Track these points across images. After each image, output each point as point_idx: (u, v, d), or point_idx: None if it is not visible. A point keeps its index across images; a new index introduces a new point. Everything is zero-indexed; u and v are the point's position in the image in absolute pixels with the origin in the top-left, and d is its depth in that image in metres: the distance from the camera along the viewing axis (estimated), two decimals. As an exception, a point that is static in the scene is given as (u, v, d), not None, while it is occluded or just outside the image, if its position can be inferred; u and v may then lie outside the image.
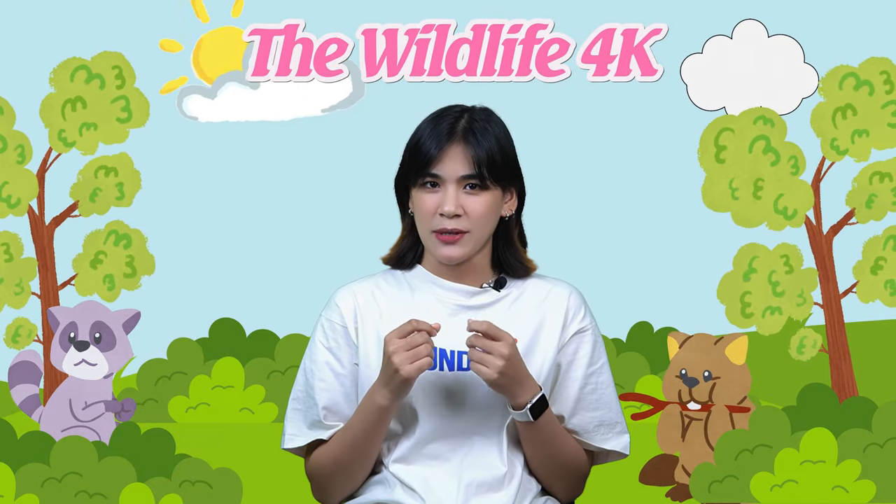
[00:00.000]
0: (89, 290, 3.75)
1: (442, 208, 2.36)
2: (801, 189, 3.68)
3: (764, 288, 3.68)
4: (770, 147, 3.65)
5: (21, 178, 3.73)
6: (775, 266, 3.69)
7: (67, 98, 3.71)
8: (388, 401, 2.32)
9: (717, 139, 3.65)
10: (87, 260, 3.76)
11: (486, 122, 2.40)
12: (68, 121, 3.71)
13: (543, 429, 2.37)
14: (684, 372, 3.68)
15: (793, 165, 3.66)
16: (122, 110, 3.71)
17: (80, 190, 3.74)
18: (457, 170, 2.36)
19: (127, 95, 3.71)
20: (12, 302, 3.74)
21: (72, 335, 3.70)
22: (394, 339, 2.28)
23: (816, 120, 3.66)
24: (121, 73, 3.70)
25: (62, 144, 3.72)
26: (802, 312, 3.70)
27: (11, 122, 3.72)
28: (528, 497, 2.41)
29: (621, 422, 2.47)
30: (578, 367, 2.43)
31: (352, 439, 2.38)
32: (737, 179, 3.66)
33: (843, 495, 3.61)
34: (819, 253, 3.70)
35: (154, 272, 3.76)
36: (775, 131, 3.65)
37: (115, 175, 3.73)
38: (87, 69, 3.70)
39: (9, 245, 3.74)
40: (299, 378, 2.46)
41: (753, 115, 3.64)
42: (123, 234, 3.75)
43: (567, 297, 2.45)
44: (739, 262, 3.69)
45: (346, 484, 2.42)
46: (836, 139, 3.65)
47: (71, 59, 3.70)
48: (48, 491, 3.63)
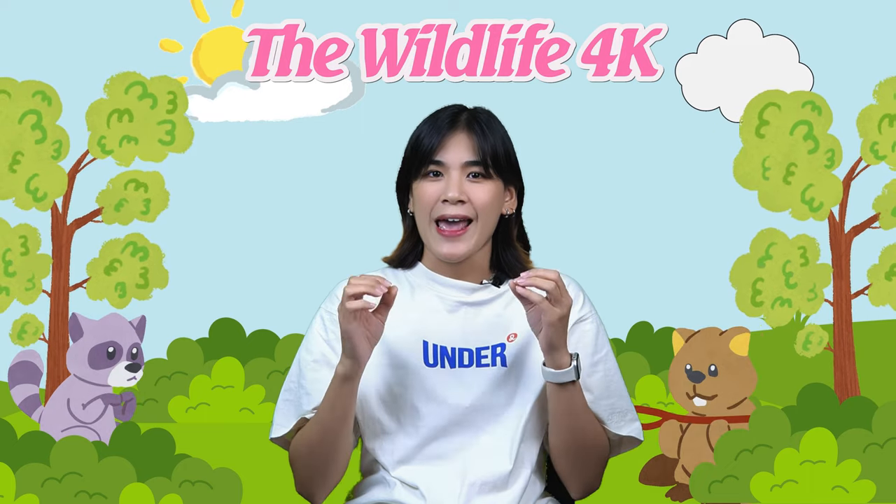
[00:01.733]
0: (100, 295, 3.75)
1: (445, 194, 2.35)
2: (831, 183, 3.68)
3: (777, 277, 3.68)
4: (811, 134, 3.65)
5: (52, 174, 3.73)
6: (791, 256, 3.68)
7: (116, 108, 3.71)
8: (345, 367, 2.28)
9: (761, 112, 3.64)
10: (101, 265, 3.76)
11: (489, 118, 2.42)
12: (112, 129, 3.72)
13: (577, 394, 2.34)
14: (689, 367, 3.68)
15: (829, 158, 3.67)
16: (166, 133, 3.72)
17: (107, 198, 3.74)
18: (461, 156, 2.37)
19: (174, 121, 3.72)
20: (22, 297, 3.74)
21: (111, 350, 3.71)
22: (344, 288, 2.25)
23: (863, 120, 3.66)
24: (174, 99, 3.71)
25: (100, 150, 3.73)
26: (812, 307, 3.69)
27: (56, 116, 3.72)
28: (531, 498, 2.41)
29: (631, 409, 2.47)
30: (584, 356, 2.42)
31: (320, 417, 2.34)
32: (771, 159, 3.66)
33: (843, 495, 3.61)
34: (837, 250, 3.71)
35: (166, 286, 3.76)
36: (821, 120, 3.65)
37: (145, 191, 3.74)
38: (143, 86, 3.71)
39: (27, 238, 3.74)
40: (293, 368, 2.45)
41: (803, 98, 3.64)
42: (142, 246, 3.76)
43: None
44: (757, 246, 3.68)
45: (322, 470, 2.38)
46: (877, 143, 3.66)
47: (130, 73, 3.71)
48: (48, 491, 3.63)
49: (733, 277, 3.68)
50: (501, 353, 2.38)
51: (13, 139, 3.70)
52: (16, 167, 3.71)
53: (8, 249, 3.74)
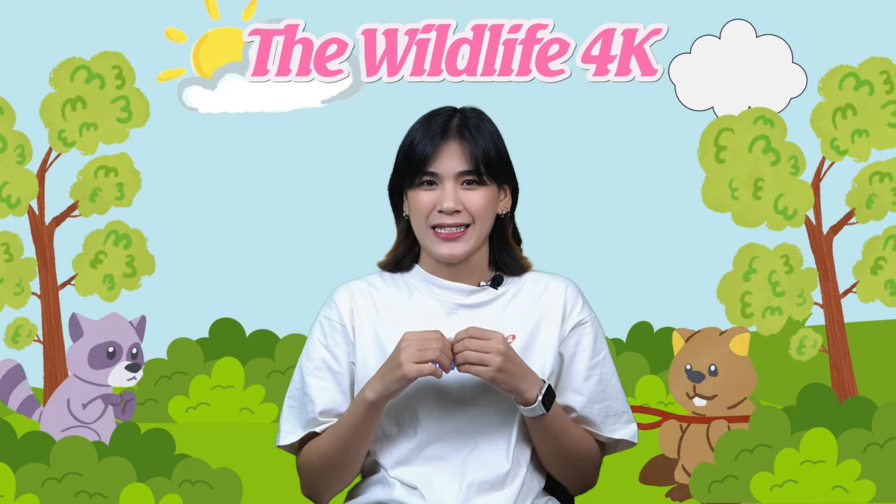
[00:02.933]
0: (89, 290, 3.75)
1: (441, 205, 2.36)
2: (801, 189, 3.68)
3: (764, 288, 3.68)
4: (770, 147, 3.66)
5: (21, 179, 3.73)
6: (775, 266, 3.69)
7: (67, 98, 3.71)
8: (377, 395, 2.31)
9: (717, 139, 3.65)
10: (87, 260, 3.76)
11: (478, 120, 2.41)
12: (68, 121, 3.71)
13: (554, 421, 2.37)
14: (689, 367, 3.68)
15: (793, 165, 3.67)
16: (122, 110, 3.71)
17: (80, 190, 3.74)
18: (454, 166, 2.37)
19: (127, 95, 3.71)
20: (12, 302, 3.75)
21: (111, 350, 3.71)
22: (410, 336, 2.28)
23: (816, 120, 3.66)
24: (121, 72, 3.70)
25: (62, 144, 3.72)
26: (802, 312, 3.70)
27: (11, 122, 3.72)
28: (530, 496, 2.41)
29: (627, 411, 2.48)
30: (581, 360, 2.43)
31: (340, 434, 2.37)
32: (737, 179, 3.67)
33: (843, 495, 3.61)
34: (819, 253, 3.71)
35: (154, 272, 3.76)
36: (775, 131, 3.65)
37: (115, 175, 3.73)
38: (87, 69, 3.70)
39: (9, 245, 3.74)
40: (296, 376, 2.46)
41: (753, 115, 3.64)
42: (123, 234, 3.75)
43: (564, 291, 2.45)
44: (739, 262, 3.69)
45: (335, 480, 2.41)
46: (836, 139, 3.66)
47: (71, 59, 3.71)
48: (48, 491, 3.63)
49: (721, 294, 3.69)
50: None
51: (-25, 154, 3.72)
52: (-17, 179, 3.72)
53: (-9, 259, 3.75)
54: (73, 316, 3.71)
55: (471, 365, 2.29)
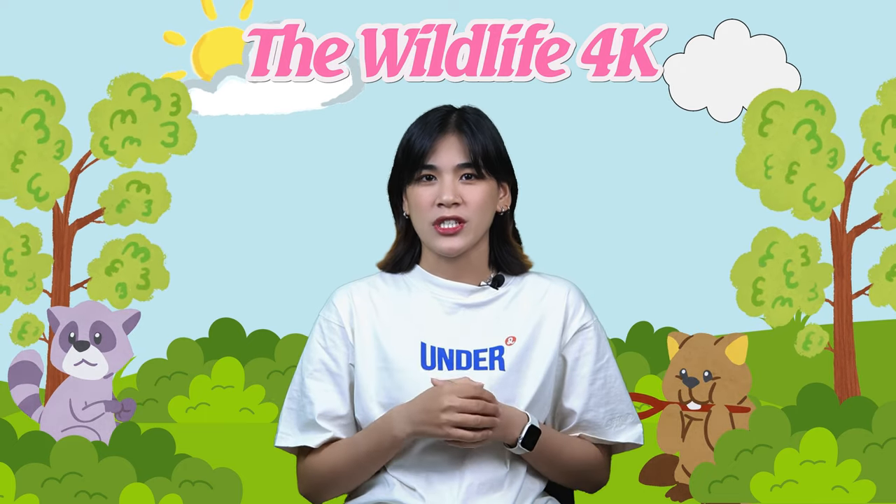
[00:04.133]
0: (101, 295, 3.75)
1: (440, 198, 2.36)
2: (833, 183, 3.67)
3: (778, 276, 3.68)
4: (814, 134, 3.65)
5: (54, 174, 3.73)
6: (792, 255, 3.68)
7: (120, 109, 3.71)
8: (407, 436, 2.32)
9: (765, 111, 3.63)
10: (102, 266, 3.76)
11: (477, 117, 2.42)
12: (115, 130, 3.72)
13: (543, 452, 2.38)
14: (684, 372, 3.68)
15: (831, 158, 3.66)
16: (169, 135, 3.72)
17: (109, 198, 3.74)
18: (452, 159, 2.37)
19: (178, 123, 3.72)
20: (23, 297, 3.75)
21: (72, 335, 3.71)
22: (454, 397, 2.27)
23: (866, 121, 3.66)
24: (178, 101, 3.71)
25: (103, 151, 3.73)
26: (813, 307, 3.69)
27: (60, 116, 3.72)
28: (529, 497, 2.41)
29: (633, 412, 2.48)
30: (586, 364, 2.43)
31: (356, 456, 2.38)
32: (773, 157, 3.65)
33: (843, 495, 3.61)
34: (838, 250, 3.70)
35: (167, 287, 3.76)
36: (824, 119, 3.64)
37: (147, 192, 3.73)
38: (146, 87, 3.71)
39: (28, 238, 3.74)
40: (295, 377, 2.46)
41: (807, 96, 3.63)
42: (143, 247, 3.76)
43: (566, 295, 2.45)
44: (758, 245, 3.68)
45: (341, 490, 2.43)
46: (879, 144, 3.66)
47: (133, 75, 3.71)
48: (48, 491, 3.63)
49: (734, 276, 3.68)
50: (500, 357, 2.38)
51: (16, 139, 3.71)
52: (18, 167, 3.71)
53: (9, 249, 3.74)
54: (49, 311, 3.71)
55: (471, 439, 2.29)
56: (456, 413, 2.27)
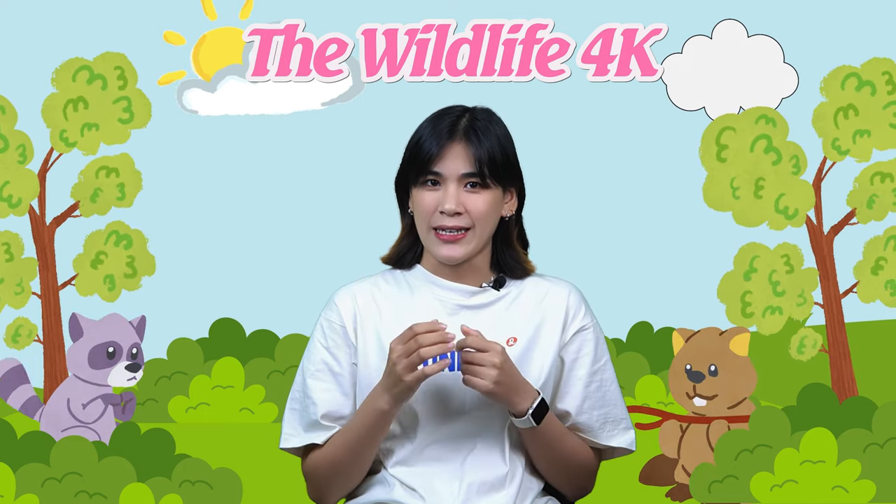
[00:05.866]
0: (90, 290, 3.75)
1: (442, 206, 2.36)
2: (802, 189, 3.68)
3: (764, 287, 3.68)
4: (772, 146, 3.66)
5: (22, 178, 3.73)
6: (776, 266, 3.69)
7: (69, 98, 3.71)
8: (389, 405, 2.32)
9: (718, 138, 3.65)
10: (87, 260, 3.76)
11: (487, 122, 2.40)
12: (70, 121, 3.71)
13: (546, 432, 2.37)
14: (689, 367, 3.68)
15: (794, 165, 3.67)
16: (123, 111, 3.71)
17: (81, 190, 3.74)
18: (458, 168, 2.36)
19: (129, 96, 3.71)
20: (13, 302, 3.75)
21: (111, 350, 3.71)
22: (396, 346, 2.27)
23: (818, 119, 3.66)
24: (123, 73, 3.70)
25: (63, 144, 3.72)
26: (803, 312, 3.70)
27: (13, 122, 3.72)
28: (529, 497, 2.41)
29: (626, 418, 2.48)
30: (582, 366, 2.44)
31: (350, 442, 2.38)
32: (738, 179, 3.67)
33: (843, 495, 3.61)
34: (820, 253, 3.71)
35: (154, 272, 3.76)
36: (777, 131, 3.65)
37: (117, 175, 3.73)
38: (89, 69, 3.70)
39: (9, 245, 3.74)
40: (297, 378, 2.46)
41: (755, 114, 3.64)
42: (124, 234, 3.75)
43: (567, 296, 2.45)
44: (740, 261, 3.69)
45: (343, 485, 2.42)
46: (837, 139, 3.66)
47: (73, 60, 3.71)
48: (48, 491, 3.63)
49: (721, 294, 3.69)
50: (503, 356, 2.38)
51: (-24, 153, 3.72)
52: (-16, 179, 3.72)
53: (-8, 259, 3.75)
54: (73, 316, 3.71)
55: (466, 376, 2.29)
56: (404, 359, 2.25)
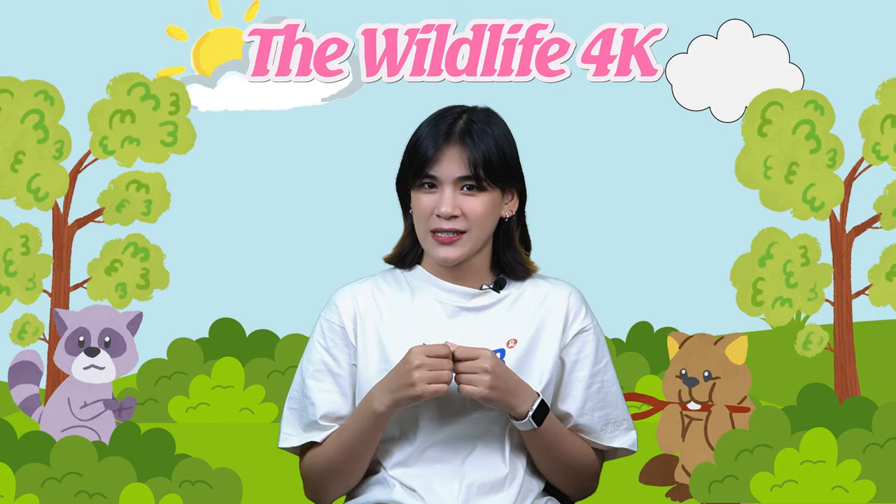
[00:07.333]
0: (101, 295, 3.75)
1: (438, 209, 2.35)
2: (833, 183, 3.67)
3: (778, 276, 3.68)
4: (813, 134, 3.65)
5: (53, 174, 3.73)
6: (792, 255, 3.68)
7: (119, 109, 3.71)
8: (386, 408, 2.31)
9: (764, 111, 3.63)
10: (102, 266, 3.76)
11: (485, 123, 2.39)
12: (114, 130, 3.72)
13: (547, 434, 2.37)
14: (684, 372, 3.68)
15: (831, 158, 3.66)
16: (168, 135, 3.72)
17: (108, 198, 3.74)
18: (453, 171, 2.36)
19: (177, 122, 3.72)
20: (23, 297, 3.75)
21: (81, 339, 3.71)
22: (422, 355, 2.27)
23: (865, 121, 3.66)
24: (177, 100, 3.71)
25: (102, 151, 3.73)
26: (812, 307, 3.69)
27: (59, 116, 3.72)
28: (529, 497, 2.41)
29: (627, 419, 2.48)
30: (583, 367, 2.43)
31: (346, 442, 2.37)
32: (773, 158, 3.65)
33: (843, 495, 3.61)
34: (838, 250, 3.71)
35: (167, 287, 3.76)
36: (823, 119, 3.64)
37: (147, 192, 3.73)
38: (146, 87, 3.71)
39: (28, 238, 3.74)
40: (296, 378, 2.46)
41: (806, 97, 3.63)
42: (142, 247, 3.76)
43: (567, 298, 2.45)
44: (758, 245, 3.68)
45: (340, 485, 2.42)
46: (878, 143, 3.66)
47: (132, 74, 3.71)
48: (48, 491, 3.63)
49: (734, 276, 3.68)
50: (501, 359, 2.38)
51: (15, 139, 3.71)
52: (17, 167, 3.71)
53: (9, 249, 3.74)
54: (55, 312, 3.71)
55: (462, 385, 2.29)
56: (427, 371, 2.26)
